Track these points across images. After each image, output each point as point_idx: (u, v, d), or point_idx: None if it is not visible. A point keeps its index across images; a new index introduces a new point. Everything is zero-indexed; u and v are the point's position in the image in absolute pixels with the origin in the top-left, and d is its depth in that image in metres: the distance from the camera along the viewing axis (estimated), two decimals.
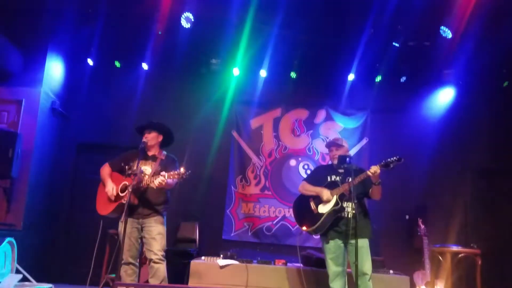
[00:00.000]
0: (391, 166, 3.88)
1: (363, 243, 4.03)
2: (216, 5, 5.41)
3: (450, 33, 5.46)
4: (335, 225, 4.10)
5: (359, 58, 5.98)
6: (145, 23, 5.69)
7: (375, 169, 3.88)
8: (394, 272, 5.11)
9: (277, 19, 5.56)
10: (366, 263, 4.02)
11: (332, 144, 4.34)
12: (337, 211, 4.07)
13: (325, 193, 4.13)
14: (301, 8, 5.43)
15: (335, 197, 4.10)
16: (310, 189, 4.29)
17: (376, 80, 6.36)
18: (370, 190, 4.11)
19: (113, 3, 5.46)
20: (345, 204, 4.07)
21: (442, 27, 5.47)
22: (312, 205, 4.23)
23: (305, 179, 4.49)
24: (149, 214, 4.14)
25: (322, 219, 4.11)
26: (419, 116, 6.41)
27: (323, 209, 4.13)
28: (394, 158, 3.86)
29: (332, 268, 4.11)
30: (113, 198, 4.10)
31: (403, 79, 6.29)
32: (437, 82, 6.33)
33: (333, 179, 4.20)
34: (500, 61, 5.86)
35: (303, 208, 4.31)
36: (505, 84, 6.17)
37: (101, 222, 4.54)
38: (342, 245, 4.09)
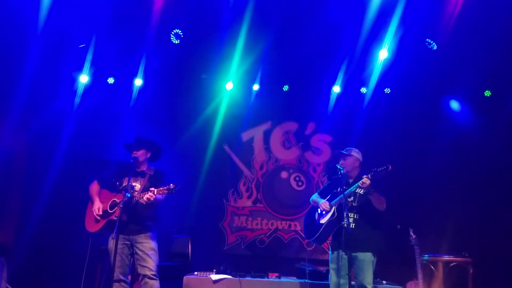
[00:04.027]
0: (379, 175, 3.92)
1: (365, 257, 4.05)
2: (205, 21, 5.48)
3: (435, 45, 5.57)
4: (338, 236, 4.11)
5: (345, 70, 6.06)
6: (135, 40, 5.73)
7: (364, 180, 3.91)
8: (387, 282, 5.12)
9: (268, 35, 5.63)
10: (367, 277, 4.04)
11: (339, 155, 4.36)
12: (335, 221, 4.10)
13: (322, 203, 4.20)
14: (291, 23, 5.53)
15: (333, 208, 4.14)
16: (314, 200, 4.45)
17: (361, 91, 6.45)
18: None
19: (104, 20, 5.50)
20: (345, 215, 4.10)
21: (427, 39, 5.57)
22: (316, 215, 4.35)
23: (317, 191, 4.62)
24: (140, 231, 4.14)
25: (321, 229, 4.17)
26: (407, 126, 6.46)
27: (323, 220, 4.20)
28: (383, 167, 3.91)
29: (333, 278, 4.14)
30: (98, 218, 4.10)
31: (387, 90, 6.38)
32: (423, 93, 6.41)
33: (339, 190, 4.22)
34: (483, 71, 5.97)
35: (310, 219, 4.44)
36: (488, 93, 6.29)
37: (90, 239, 4.53)
38: (345, 256, 4.02)
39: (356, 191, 4.14)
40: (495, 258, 5.82)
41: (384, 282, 5.09)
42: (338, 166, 4.33)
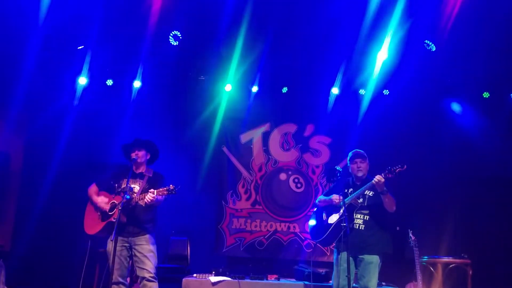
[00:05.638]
0: (395, 173, 3.91)
1: (373, 259, 4.04)
2: (203, 23, 5.49)
3: (434, 46, 5.57)
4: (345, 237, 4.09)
5: (344, 72, 6.07)
6: (134, 42, 5.73)
7: (379, 177, 3.89)
8: (387, 284, 5.12)
9: (267, 36, 5.64)
10: (372, 280, 4.02)
11: (357, 156, 4.31)
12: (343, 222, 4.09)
13: (335, 196, 4.17)
14: (290, 25, 5.53)
15: (342, 209, 4.13)
16: (322, 199, 4.39)
17: (360, 93, 6.45)
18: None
19: (102, 22, 5.49)
20: (355, 216, 4.09)
21: (426, 41, 5.58)
22: (324, 216, 4.31)
23: (323, 193, 4.58)
24: (139, 233, 4.13)
25: (329, 230, 4.15)
26: (406, 128, 6.47)
27: (332, 220, 4.18)
28: (398, 166, 3.91)
29: (336, 280, 4.11)
30: (108, 207, 4.08)
31: (386, 92, 6.39)
32: (421, 95, 6.41)
33: (349, 191, 4.20)
34: (482, 72, 5.98)
35: (316, 220, 4.40)
36: (486, 95, 6.30)
37: (89, 242, 4.50)
38: (351, 258, 3.98)
39: (365, 192, 4.13)
40: (494, 260, 5.83)
41: (383, 283, 5.09)
42: (337, 168, 4.32)
